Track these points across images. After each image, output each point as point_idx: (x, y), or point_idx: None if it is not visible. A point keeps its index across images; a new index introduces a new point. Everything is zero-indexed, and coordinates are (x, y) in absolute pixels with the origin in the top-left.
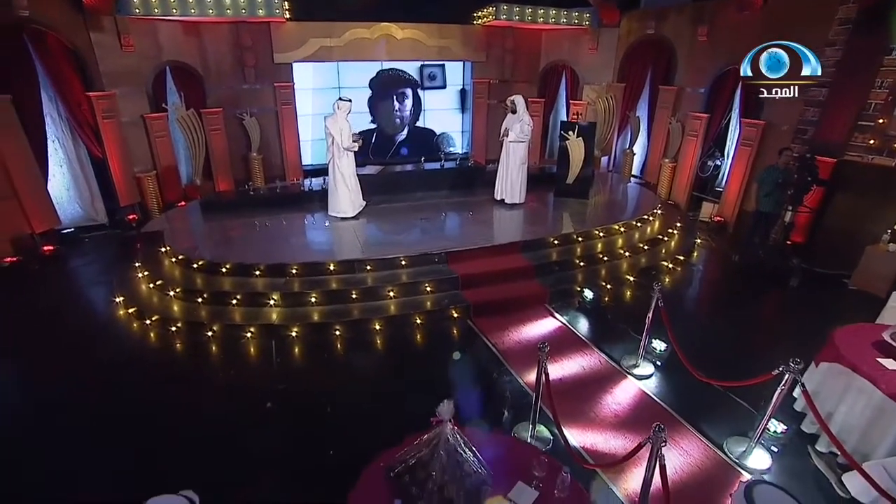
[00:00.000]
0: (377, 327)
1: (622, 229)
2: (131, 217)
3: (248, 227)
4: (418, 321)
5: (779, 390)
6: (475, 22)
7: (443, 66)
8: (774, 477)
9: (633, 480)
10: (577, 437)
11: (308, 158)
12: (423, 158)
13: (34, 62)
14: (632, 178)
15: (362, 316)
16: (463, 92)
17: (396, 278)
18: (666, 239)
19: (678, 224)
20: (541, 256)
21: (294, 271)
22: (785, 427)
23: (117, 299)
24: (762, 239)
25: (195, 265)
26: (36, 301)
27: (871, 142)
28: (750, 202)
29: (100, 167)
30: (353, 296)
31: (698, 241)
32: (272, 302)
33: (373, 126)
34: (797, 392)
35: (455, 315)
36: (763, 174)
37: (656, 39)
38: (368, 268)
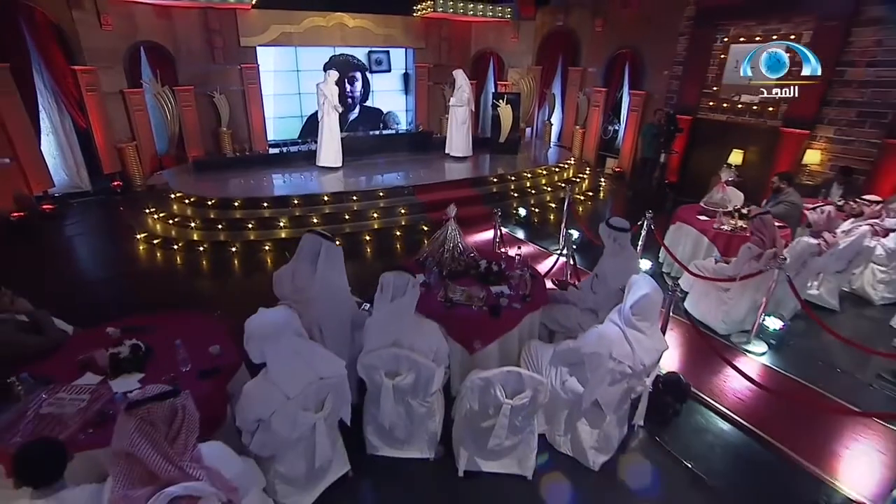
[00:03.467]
0: (367, 238)
1: (544, 172)
2: (116, 184)
3: (244, 178)
4: (397, 233)
5: (643, 233)
6: (415, 14)
7: (388, 52)
8: None
9: None
10: None
11: (272, 134)
12: (382, 125)
13: (25, 35)
14: (552, 144)
15: (354, 230)
16: (406, 75)
17: (376, 205)
18: (578, 180)
19: (588, 171)
20: (484, 189)
21: (295, 202)
22: (650, 263)
23: (139, 235)
24: (647, 179)
25: (209, 202)
26: (63, 245)
27: (711, 104)
28: (639, 154)
29: (83, 137)
30: (346, 217)
31: (603, 183)
32: (281, 224)
33: None
34: (662, 252)
35: (425, 228)
36: (644, 129)
37: (564, 30)
38: (354, 198)
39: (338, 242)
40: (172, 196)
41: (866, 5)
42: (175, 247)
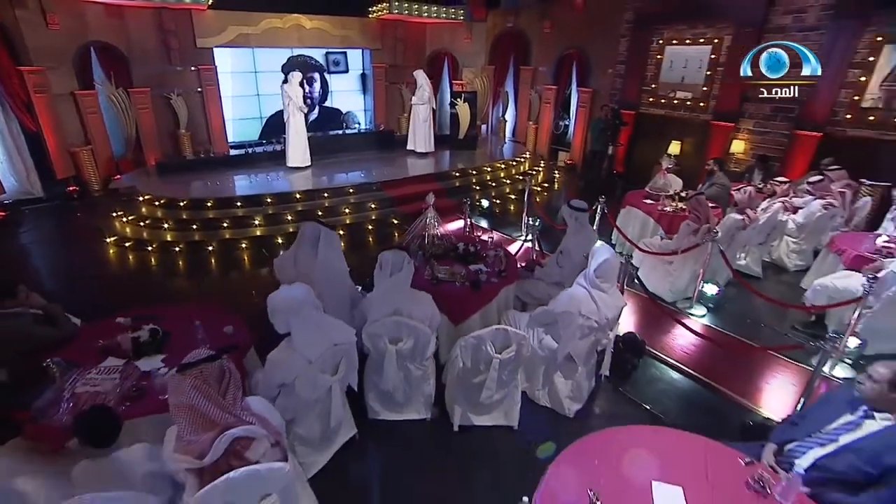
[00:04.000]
0: (341, 232)
1: (502, 166)
2: (71, 189)
3: (211, 180)
4: (369, 227)
5: (597, 217)
6: (371, 15)
7: (345, 52)
8: None
9: None
10: None
11: (232, 136)
12: (343, 125)
13: None
14: (507, 140)
15: (328, 226)
16: (363, 76)
17: (347, 201)
18: (534, 173)
19: (542, 164)
20: (448, 183)
21: (269, 200)
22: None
23: (109, 239)
24: (597, 170)
25: (181, 203)
26: (26, 252)
27: (651, 99)
28: (588, 147)
29: (33, 141)
30: (319, 213)
31: (557, 175)
32: (256, 222)
33: None
34: (615, 233)
35: (395, 222)
36: (592, 123)
37: (515, 31)
38: (326, 195)
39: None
40: (141, 199)
41: (773, 15)
42: (149, 248)
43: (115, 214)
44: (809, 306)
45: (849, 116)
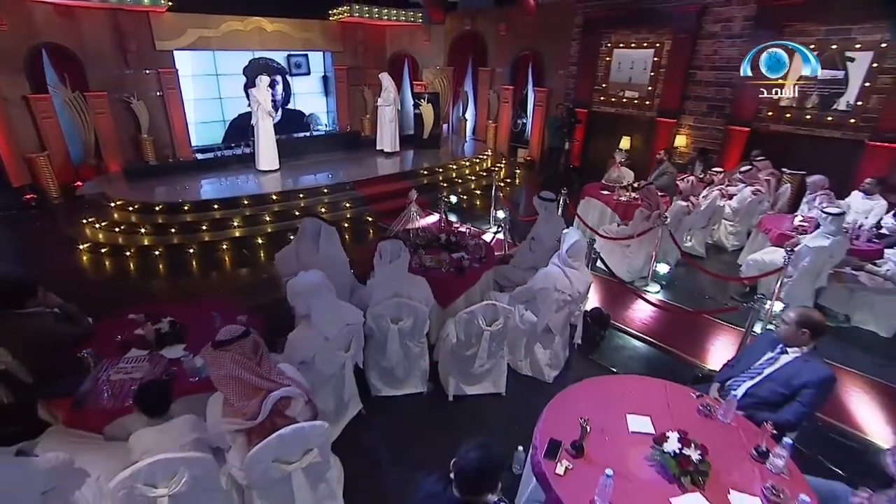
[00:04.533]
0: None
1: (466, 163)
2: (29, 197)
3: (181, 184)
4: (346, 225)
5: (560, 205)
6: (332, 18)
7: (307, 55)
8: None
9: None
10: None
11: (195, 140)
12: (312, 128)
13: None
14: (467, 138)
15: None
16: (325, 78)
17: (322, 201)
18: (496, 169)
19: (504, 161)
20: (416, 181)
21: (245, 202)
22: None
23: (82, 246)
24: (555, 165)
25: (157, 208)
26: None
27: (602, 98)
28: (546, 143)
29: None
30: (296, 213)
31: (518, 171)
32: (235, 223)
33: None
34: (576, 221)
35: (370, 219)
36: (549, 121)
37: (472, 33)
38: (301, 195)
39: None
40: (112, 204)
41: (705, 23)
42: (127, 253)
43: (85, 221)
44: (744, 278)
45: (770, 113)
